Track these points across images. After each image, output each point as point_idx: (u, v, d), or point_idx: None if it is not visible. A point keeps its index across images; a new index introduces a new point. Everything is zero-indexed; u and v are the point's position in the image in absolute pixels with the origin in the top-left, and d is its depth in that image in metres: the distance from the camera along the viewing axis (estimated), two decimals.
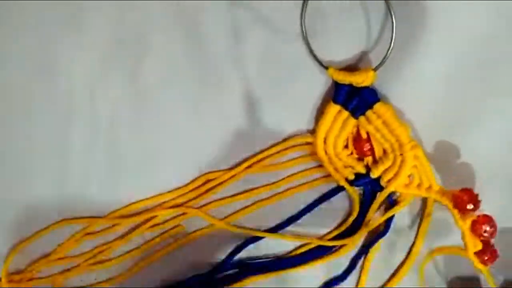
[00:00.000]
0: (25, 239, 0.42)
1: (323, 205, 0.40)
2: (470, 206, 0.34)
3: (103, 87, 0.39)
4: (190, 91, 0.38)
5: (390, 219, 0.38)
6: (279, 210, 0.40)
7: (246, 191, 0.40)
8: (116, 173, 0.40)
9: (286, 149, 0.39)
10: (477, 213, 0.35)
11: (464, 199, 0.34)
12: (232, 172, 0.40)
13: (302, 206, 0.40)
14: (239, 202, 0.40)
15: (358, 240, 0.39)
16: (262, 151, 0.39)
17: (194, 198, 0.40)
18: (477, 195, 0.35)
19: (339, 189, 0.39)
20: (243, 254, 0.41)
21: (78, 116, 0.40)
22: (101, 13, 0.38)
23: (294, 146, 0.39)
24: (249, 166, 0.39)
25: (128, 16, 0.38)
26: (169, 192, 0.40)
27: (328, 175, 0.39)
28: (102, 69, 0.39)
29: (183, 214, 0.41)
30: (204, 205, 0.40)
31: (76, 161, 0.40)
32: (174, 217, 0.41)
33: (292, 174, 0.40)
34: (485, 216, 0.35)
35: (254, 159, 0.39)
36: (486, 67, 0.34)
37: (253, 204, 0.40)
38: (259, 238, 0.40)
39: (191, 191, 0.40)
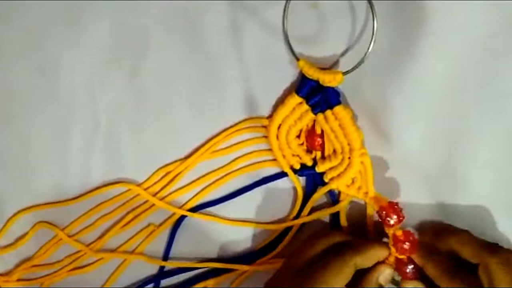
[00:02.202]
0: None
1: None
2: (392, 221, 0.36)
3: (103, 87, 0.39)
4: (189, 91, 0.39)
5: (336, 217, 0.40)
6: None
7: (201, 177, 0.41)
8: (116, 172, 0.41)
9: (240, 129, 0.40)
10: (402, 228, 0.36)
11: (388, 211, 0.36)
12: (188, 161, 0.40)
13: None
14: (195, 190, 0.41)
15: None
16: (217, 135, 0.40)
17: (157, 193, 0.41)
18: (401, 209, 0.36)
19: (282, 175, 0.40)
20: None
21: (78, 116, 0.40)
22: (101, 13, 0.37)
23: (249, 127, 0.40)
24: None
25: (128, 16, 0.37)
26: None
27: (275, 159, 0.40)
28: (102, 69, 0.39)
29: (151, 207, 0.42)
30: (165, 197, 0.42)
31: (75, 160, 0.41)
32: (143, 211, 0.42)
33: (243, 155, 0.40)
34: (406, 232, 0.36)
35: (211, 143, 0.40)
36: (485, 67, 0.34)
37: (205, 188, 0.41)
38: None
39: (152, 185, 0.41)
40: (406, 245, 0.35)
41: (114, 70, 0.39)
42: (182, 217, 0.41)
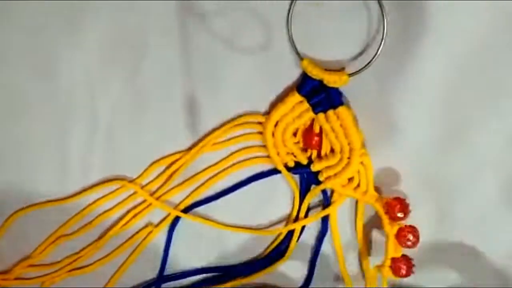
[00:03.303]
0: None
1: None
2: (400, 215, 0.37)
3: (103, 87, 0.39)
4: (189, 90, 0.38)
5: (326, 219, 0.40)
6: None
7: (196, 174, 0.40)
8: (115, 173, 0.40)
9: (236, 126, 0.39)
10: (405, 222, 0.37)
11: (395, 207, 0.37)
12: (188, 156, 0.40)
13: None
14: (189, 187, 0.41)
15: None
16: (214, 130, 0.39)
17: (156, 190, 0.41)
18: (408, 204, 0.37)
19: (274, 172, 0.40)
20: None
21: (78, 116, 0.39)
22: (101, 14, 0.37)
23: (244, 123, 0.39)
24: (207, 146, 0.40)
25: (127, 16, 0.37)
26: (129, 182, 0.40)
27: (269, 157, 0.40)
28: (102, 69, 0.38)
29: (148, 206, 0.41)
30: (162, 195, 0.41)
31: (75, 161, 0.40)
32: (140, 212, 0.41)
33: (236, 151, 0.40)
34: (411, 226, 0.37)
35: (208, 139, 0.39)
36: (485, 67, 0.35)
37: (201, 185, 0.41)
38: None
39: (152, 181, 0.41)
40: (412, 237, 0.37)
41: (114, 70, 0.38)
42: (178, 218, 0.41)
